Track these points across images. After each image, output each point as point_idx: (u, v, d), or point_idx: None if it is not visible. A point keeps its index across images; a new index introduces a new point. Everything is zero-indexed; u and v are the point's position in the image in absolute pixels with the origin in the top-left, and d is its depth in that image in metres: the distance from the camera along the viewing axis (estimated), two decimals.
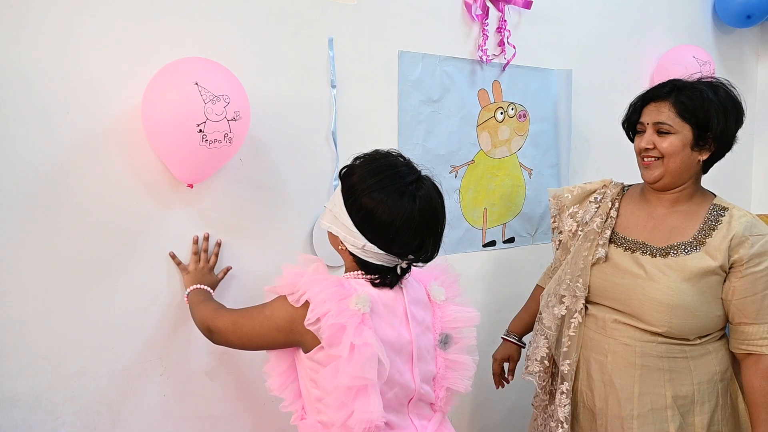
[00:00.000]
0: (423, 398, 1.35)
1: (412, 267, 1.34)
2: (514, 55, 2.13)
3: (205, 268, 1.58)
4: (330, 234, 1.32)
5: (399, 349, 1.28)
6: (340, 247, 1.30)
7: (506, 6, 2.09)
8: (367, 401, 1.20)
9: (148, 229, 1.54)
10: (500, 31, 2.10)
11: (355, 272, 1.30)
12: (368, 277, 1.29)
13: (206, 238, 1.61)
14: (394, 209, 1.22)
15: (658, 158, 1.53)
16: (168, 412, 1.61)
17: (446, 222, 1.33)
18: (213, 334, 1.37)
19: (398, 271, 1.30)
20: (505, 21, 2.09)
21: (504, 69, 2.13)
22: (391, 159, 1.29)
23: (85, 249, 1.47)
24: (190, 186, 1.54)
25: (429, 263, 1.35)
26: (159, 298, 1.57)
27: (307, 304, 1.23)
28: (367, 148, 1.38)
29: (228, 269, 1.64)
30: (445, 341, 1.38)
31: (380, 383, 1.22)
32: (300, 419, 1.34)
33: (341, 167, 1.32)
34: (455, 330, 1.40)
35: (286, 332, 1.26)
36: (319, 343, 1.23)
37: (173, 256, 1.57)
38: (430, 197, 1.27)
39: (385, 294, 1.29)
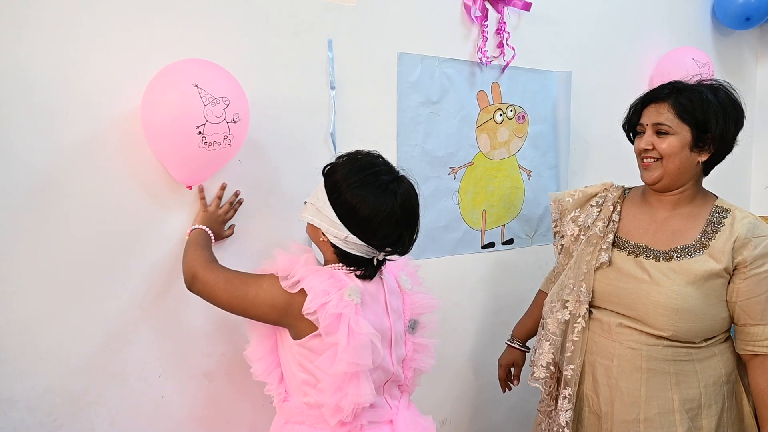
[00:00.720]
0: (396, 380, 1.46)
1: (386, 260, 1.43)
2: (513, 56, 2.13)
3: (221, 216, 1.61)
4: (311, 227, 1.38)
5: (382, 336, 1.37)
6: (321, 239, 1.37)
7: (505, 8, 2.09)
8: (359, 385, 1.29)
9: (146, 231, 1.54)
10: (499, 33, 2.10)
11: (338, 265, 1.37)
12: (351, 269, 1.36)
13: (236, 194, 1.64)
14: (375, 205, 1.30)
15: (657, 159, 1.53)
16: (166, 414, 1.61)
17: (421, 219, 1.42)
18: (196, 282, 1.39)
19: (375, 263, 1.38)
20: (505, 23, 2.10)
21: (503, 71, 2.13)
22: (372, 158, 1.37)
23: (84, 250, 1.47)
24: (189, 188, 1.55)
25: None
26: (157, 299, 1.57)
27: (302, 292, 1.30)
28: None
29: (233, 226, 1.65)
30: (413, 326, 1.50)
31: (372, 368, 1.32)
32: (282, 401, 1.42)
33: (324, 165, 1.38)
34: (421, 316, 1.52)
35: (279, 312, 1.32)
36: (314, 330, 1.30)
37: (201, 189, 1.58)
38: (410, 194, 1.36)
39: (369, 285, 1.39)
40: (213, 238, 1.55)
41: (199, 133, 1.39)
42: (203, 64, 1.47)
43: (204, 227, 1.54)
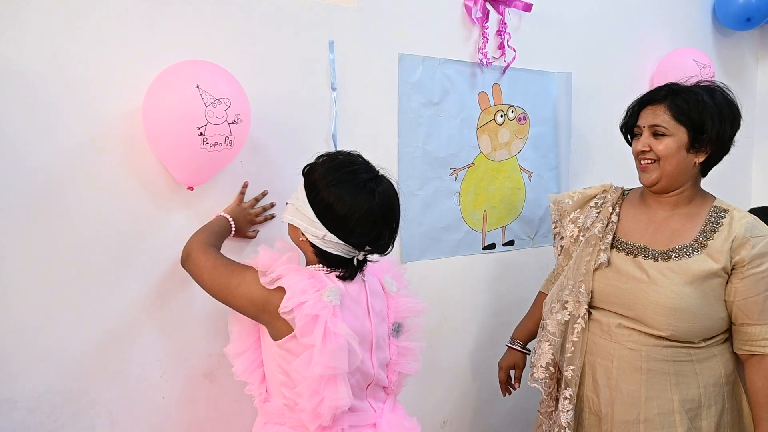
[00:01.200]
0: (378, 383, 1.44)
1: (368, 261, 1.42)
2: (514, 57, 2.13)
3: (251, 215, 1.64)
4: (291, 227, 1.39)
5: (362, 339, 1.36)
6: (300, 239, 1.37)
7: (506, 9, 2.10)
8: (336, 389, 1.28)
9: (148, 232, 1.54)
10: (500, 34, 2.10)
11: (318, 265, 1.36)
12: (331, 270, 1.36)
13: (272, 205, 1.69)
14: (352, 203, 1.30)
15: (655, 161, 1.54)
16: (167, 415, 1.61)
17: (402, 219, 1.43)
18: (189, 260, 1.41)
19: (355, 262, 1.37)
20: (506, 24, 2.10)
21: (504, 72, 2.14)
22: (351, 157, 1.38)
23: (85, 251, 1.47)
24: (191, 188, 1.55)
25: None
26: (158, 300, 1.57)
27: (280, 290, 1.29)
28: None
29: (256, 231, 1.68)
30: (397, 330, 1.49)
31: (350, 371, 1.30)
32: (263, 402, 1.41)
33: (304, 165, 1.38)
34: (406, 319, 1.51)
35: (257, 307, 1.32)
36: (291, 331, 1.29)
37: (245, 185, 1.64)
38: (389, 193, 1.35)
39: (350, 287, 1.37)
40: (234, 230, 1.57)
41: (201, 134, 1.39)
42: (204, 65, 1.47)
43: (228, 216, 1.57)
